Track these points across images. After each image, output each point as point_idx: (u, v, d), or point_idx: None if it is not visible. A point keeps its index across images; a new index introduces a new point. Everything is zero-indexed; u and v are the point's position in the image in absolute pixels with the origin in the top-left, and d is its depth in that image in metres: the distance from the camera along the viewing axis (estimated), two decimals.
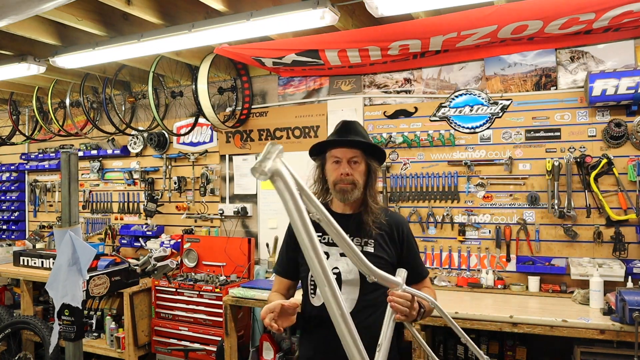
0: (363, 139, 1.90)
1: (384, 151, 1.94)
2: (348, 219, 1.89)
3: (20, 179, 5.79)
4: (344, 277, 1.81)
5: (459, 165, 3.57)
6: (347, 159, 1.84)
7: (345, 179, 1.82)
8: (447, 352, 3.24)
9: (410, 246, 1.93)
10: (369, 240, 1.85)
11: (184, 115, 4.62)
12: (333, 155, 1.87)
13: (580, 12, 2.56)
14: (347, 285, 1.81)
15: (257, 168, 0.97)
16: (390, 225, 1.90)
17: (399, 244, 1.90)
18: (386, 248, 1.86)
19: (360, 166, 1.87)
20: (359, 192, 1.86)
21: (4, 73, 3.96)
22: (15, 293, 4.99)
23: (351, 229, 1.85)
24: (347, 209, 1.91)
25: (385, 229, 1.88)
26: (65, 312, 2.18)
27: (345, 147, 1.86)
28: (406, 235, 1.93)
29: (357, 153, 1.86)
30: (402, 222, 1.95)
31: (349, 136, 1.87)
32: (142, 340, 4.06)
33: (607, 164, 3.11)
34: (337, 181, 1.84)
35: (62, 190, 2.19)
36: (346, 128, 1.92)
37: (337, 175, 1.84)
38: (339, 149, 1.87)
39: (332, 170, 1.88)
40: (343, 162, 1.84)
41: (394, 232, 1.90)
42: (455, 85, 3.62)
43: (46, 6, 2.31)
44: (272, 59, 3.47)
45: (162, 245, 4.30)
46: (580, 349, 2.73)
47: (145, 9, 3.00)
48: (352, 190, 1.83)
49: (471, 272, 3.51)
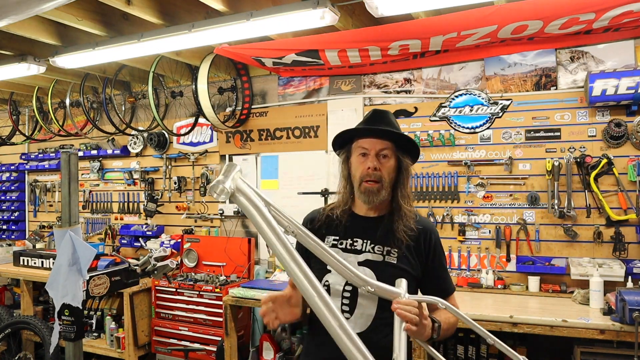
0: (395, 129, 1.66)
1: (418, 147, 1.70)
2: (372, 223, 1.66)
3: (20, 179, 5.79)
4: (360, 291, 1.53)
5: (459, 165, 3.57)
6: (376, 151, 1.61)
7: (372, 174, 1.59)
8: (447, 352, 3.24)
9: (437, 257, 1.69)
10: (393, 250, 1.61)
11: (184, 115, 4.62)
12: (360, 147, 1.64)
13: (580, 12, 2.56)
14: (364, 299, 1.57)
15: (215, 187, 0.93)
16: (419, 232, 1.66)
17: (424, 254, 1.66)
18: (411, 259, 1.63)
19: (389, 161, 1.63)
20: (386, 192, 1.63)
21: (4, 73, 3.96)
22: (15, 293, 4.99)
23: (374, 235, 1.64)
24: (371, 211, 1.69)
25: (413, 237, 1.64)
26: (65, 312, 2.18)
27: (375, 137, 1.62)
28: (434, 245, 1.69)
29: (387, 145, 1.62)
30: (432, 230, 1.71)
31: (379, 125, 1.64)
32: (142, 340, 4.06)
33: (607, 164, 3.11)
34: (362, 177, 1.61)
35: (62, 190, 2.19)
36: (377, 117, 1.69)
37: (363, 169, 1.61)
38: (366, 139, 1.63)
39: (357, 163, 1.65)
40: (371, 155, 1.61)
41: (421, 241, 1.66)
42: (455, 85, 3.62)
43: (46, 6, 2.31)
44: (272, 59, 3.47)
45: (162, 245, 4.30)
46: (580, 349, 2.73)
47: (145, 9, 3.00)
48: (379, 191, 1.61)
49: (471, 272, 3.51)
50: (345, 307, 1.58)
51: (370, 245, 1.63)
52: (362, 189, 1.62)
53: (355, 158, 1.66)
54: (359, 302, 1.57)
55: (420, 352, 2.86)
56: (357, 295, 1.57)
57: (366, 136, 1.64)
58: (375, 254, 1.62)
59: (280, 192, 4.18)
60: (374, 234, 1.64)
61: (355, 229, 1.67)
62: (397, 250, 1.61)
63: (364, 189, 1.61)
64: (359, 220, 1.69)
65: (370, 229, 1.65)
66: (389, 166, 1.62)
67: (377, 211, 1.68)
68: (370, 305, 1.56)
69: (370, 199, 1.62)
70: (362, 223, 1.68)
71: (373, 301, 1.56)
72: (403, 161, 1.65)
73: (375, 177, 1.59)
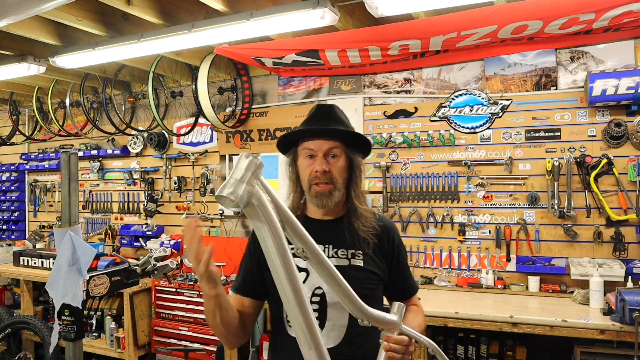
0: (343, 126, 1.54)
1: (369, 141, 1.60)
2: (329, 227, 1.55)
3: (20, 179, 5.79)
4: (329, 299, 1.47)
5: (459, 165, 3.57)
6: (324, 152, 1.49)
7: (321, 178, 1.48)
8: (447, 352, 3.24)
9: (401, 257, 1.64)
10: (357, 252, 1.53)
11: (184, 115, 4.62)
12: (306, 148, 1.52)
13: (580, 12, 2.56)
14: (334, 309, 1.46)
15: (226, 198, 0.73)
16: (381, 232, 1.58)
17: (389, 255, 1.60)
18: (377, 260, 1.56)
19: (339, 161, 1.51)
20: (339, 193, 1.52)
21: (4, 73, 3.96)
22: (15, 293, 4.99)
23: (334, 239, 1.53)
24: (327, 214, 1.58)
25: (375, 237, 1.56)
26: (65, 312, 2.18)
27: (321, 137, 1.50)
28: (397, 244, 1.63)
29: (335, 144, 1.50)
30: (393, 229, 1.65)
31: (324, 124, 1.53)
32: (142, 340, 4.06)
33: (607, 164, 3.11)
34: (311, 180, 1.49)
35: (62, 190, 2.19)
36: (322, 113, 1.57)
37: (311, 172, 1.49)
38: (312, 141, 1.51)
39: (304, 166, 1.52)
40: (318, 157, 1.49)
41: (384, 241, 1.59)
42: (455, 85, 3.61)
43: (46, 6, 2.31)
44: (272, 59, 3.47)
45: (162, 245, 4.30)
46: (580, 349, 2.73)
47: (145, 9, 3.00)
48: (331, 194, 1.49)
49: (471, 272, 3.51)
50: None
51: (334, 250, 1.53)
52: (312, 192, 1.50)
53: (302, 160, 1.54)
54: (329, 313, 1.46)
55: (420, 352, 2.86)
56: (326, 306, 1.47)
57: (312, 137, 1.51)
58: (340, 259, 1.52)
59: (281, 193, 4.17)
60: (334, 238, 1.53)
61: (313, 234, 1.51)
62: (361, 253, 1.53)
63: (315, 193, 1.50)
64: (316, 225, 1.55)
65: (329, 233, 1.54)
66: (339, 166, 1.51)
67: (333, 214, 1.58)
68: (342, 316, 1.46)
69: (323, 203, 1.50)
70: (320, 228, 1.54)
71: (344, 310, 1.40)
72: (354, 159, 1.55)
73: (325, 179, 1.48)
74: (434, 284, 3.53)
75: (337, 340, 1.46)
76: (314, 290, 1.47)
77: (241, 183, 0.74)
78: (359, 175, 1.56)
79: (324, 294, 1.47)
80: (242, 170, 0.75)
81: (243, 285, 1.59)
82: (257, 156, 0.77)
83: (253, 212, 0.76)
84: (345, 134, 1.52)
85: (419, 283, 3.56)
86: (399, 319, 1.28)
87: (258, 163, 0.77)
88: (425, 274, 3.62)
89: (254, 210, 0.76)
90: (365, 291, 1.44)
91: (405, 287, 1.66)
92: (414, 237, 3.69)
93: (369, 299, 1.45)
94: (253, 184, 0.75)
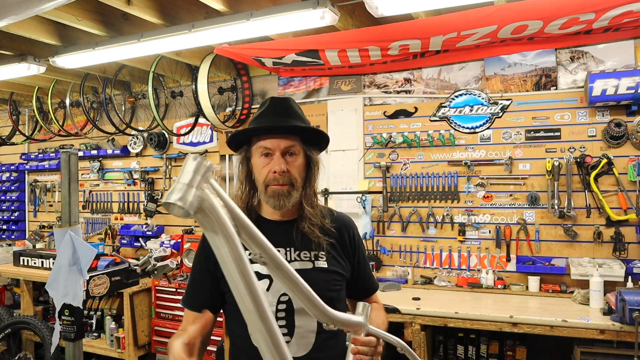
0: (300, 121, 1.44)
1: (327, 136, 1.50)
2: (288, 227, 1.46)
3: (20, 179, 5.78)
4: (296, 305, 1.38)
5: (459, 165, 3.57)
6: (281, 150, 1.39)
7: (279, 179, 1.38)
8: (447, 352, 3.25)
9: (361, 254, 1.58)
10: (320, 253, 1.45)
11: (184, 115, 4.62)
12: (261, 147, 1.40)
13: (580, 12, 2.56)
14: (302, 315, 1.37)
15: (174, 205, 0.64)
16: (340, 229, 1.51)
17: (350, 252, 1.53)
18: (340, 260, 1.49)
19: (298, 159, 1.42)
20: (298, 193, 1.42)
21: (4, 73, 3.96)
22: (15, 293, 4.98)
23: (294, 241, 1.45)
24: (284, 215, 1.48)
25: (335, 236, 1.49)
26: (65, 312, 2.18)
27: (277, 135, 1.40)
28: (357, 241, 1.56)
29: (293, 142, 1.40)
30: (352, 225, 1.57)
31: (280, 120, 1.41)
32: (142, 340, 4.06)
33: (607, 164, 3.11)
34: (268, 181, 1.39)
35: (62, 190, 2.19)
36: (277, 109, 1.44)
37: (267, 173, 1.39)
38: (268, 139, 1.39)
39: (260, 166, 1.41)
40: (275, 156, 1.39)
41: (345, 239, 1.52)
42: (455, 85, 3.61)
43: (46, 6, 2.31)
44: (272, 59, 3.47)
45: (162, 245, 4.30)
46: (580, 349, 2.73)
47: (145, 9, 3.00)
48: (290, 194, 1.40)
49: (471, 272, 3.51)
50: (283, 330, 1.37)
51: (296, 253, 1.45)
52: (269, 192, 1.40)
53: (257, 160, 1.42)
54: (297, 320, 1.38)
55: (420, 352, 2.86)
56: (293, 313, 1.38)
57: (267, 135, 1.40)
58: (304, 261, 1.44)
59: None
60: (294, 240, 1.44)
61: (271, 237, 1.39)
62: (324, 253, 1.45)
63: (272, 192, 1.39)
64: (273, 227, 1.46)
65: (288, 234, 1.44)
66: (298, 165, 1.42)
67: (290, 214, 1.48)
68: (310, 321, 1.38)
69: (281, 203, 1.40)
70: (278, 229, 1.45)
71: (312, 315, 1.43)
72: (312, 157, 1.45)
73: (284, 180, 1.38)
74: (434, 284, 3.53)
75: (308, 347, 1.39)
76: (279, 297, 1.38)
77: (190, 188, 0.66)
78: (316, 173, 1.48)
79: (290, 301, 1.38)
80: (190, 173, 0.68)
81: (197, 300, 1.48)
82: (205, 157, 0.73)
83: (205, 220, 0.69)
84: (303, 130, 1.42)
85: (419, 283, 3.57)
86: (365, 319, 1.23)
87: (207, 165, 0.70)
88: (425, 274, 3.62)
89: (205, 217, 0.69)
90: (331, 293, 1.43)
91: (367, 285, 1.61)
92: (414, 237, 3.69)
93: (336, 300, 1.45)
94: (203, 188, 0.69)
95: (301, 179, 1.43)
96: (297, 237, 1.44)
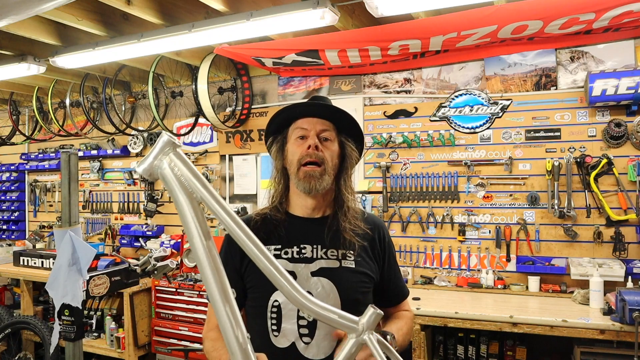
0: (337, 109, 1.44)
1: (362, 133, 1.49)
2: (317, 224, 1.42)
3: (20, 179, 5.79)
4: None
5: (459, 165, 3.57)
6: (317, 131, 1.39)
7: (312, 154, 1.35)
8: (447, 352, 3.24)
9: (392, 258, 1.52)
10: (348, 252, 1.40)
11: (184, 115, 4.62)
12: (298, 127, 1.41)
13: (580, 12, 2.56)
14: None
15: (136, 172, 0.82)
16: (372, 231, 1.46)
17: (380, 256, 1.48)
18: (369, 262, 1.44)
19: (332, 145, 1.40)
20: (330, 178, 1.38)
21: (4, 73, 3.96)
22: (15, 293, 4.99)
23: (323, 238, 1.40)
24: (314, 211, 1.43)
25: (366, 237, 1.43)
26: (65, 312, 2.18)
27: (314, 117, 1.40)
28: (388, 244, 1.51)
29: (329, 126, 1.41)
30: (383, 227, 1.53)
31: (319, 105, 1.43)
32: (142, 340, 4.06)
33: (607, 164, 3.11)
34: (301, 160, 1.36)
35: (62, 190, 2.19)
36: (317, 99, 1.48)
37: (302, 150, 1.37)
38: (305, 119, 1.40)
39: (295, 147, 1.40)
40: (310, 135, 1.38)
41: (375, 241, 1.47)
42: (455, 85, 3.61)
43: (46, 6, 2.31)
44: (272, 59, 3.47)
45: (162, 245, 4.30)
46: (580, 349, 2.73)
47: (145, 9, 3.00)
48: (321, 176, 1.35)
49: (471, 272, 3.51)
50: (304, 330, 1.33)
51: (322, 251, 1.39)
52: (300, 174, 1.36)
53: (292, 143, 1.41)
54: (318, 322, 1.31)
55: (420, 352, 2.86)
56: None
57: (304, 115, 1.41)
58: (330, 260, 1.38)
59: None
60: (323, 237, 1.39)
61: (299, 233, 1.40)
62: (352, 253, 1.40)
63: (304, 174, 1.35)
64: (302, 223, 1.42)
65: (317, 231, 1.39)
66: (332, 150, 1.40)
67: (321, 210, 1.44)
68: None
69: (311, 185, 1.35)
70: (306, 225, 1.42)
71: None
72: (347, 146, 1.44)
73: (316, 157, 1.35)
74: (434, 284, 3.53)
75: (329, 349, 1.33)
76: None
77: (149, 158, 0.82)
78: (350, 166, 1.44)
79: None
80: (155, 149, 0.83)
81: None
82: (168, 134, 0.84)
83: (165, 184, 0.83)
84: (339, 114, 1.42)
85: (419, 283, 3.57)
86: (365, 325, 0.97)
87: (165, 140, 0.83)
88: (425, 274, 3.62)
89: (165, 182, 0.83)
90: (357, 295, 1.38)
91: (397, 290, 1.54)
92: (414, 237, 3.69)
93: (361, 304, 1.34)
94: (161, 159, 0.82)
95: (333, 165, 1.39)
96: (327, 234, 1.39)
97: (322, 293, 1.34)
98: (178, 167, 0.82)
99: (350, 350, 0.97)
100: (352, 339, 0.97)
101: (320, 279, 1.35)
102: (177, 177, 0.82)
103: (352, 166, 1.45)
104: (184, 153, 0.86)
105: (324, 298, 1.33)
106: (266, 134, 1.51)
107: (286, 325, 1.33)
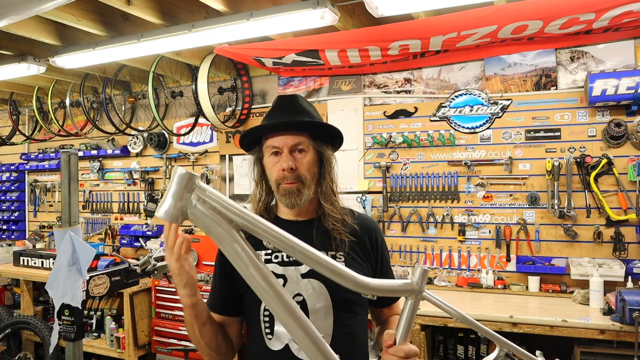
0: (308, 117, 1.41)
1: (338, 131, 1.46)
2: (305, 227, 1.42)
3: (20, 179, 5.79)
4: (310, 306, 1.33)
5: (459, 165, 3.57)
6: (289, 148, 1.37)
7: (288, 177, 1.36)
8: (447, 352, 3.24)
9: (385, 260, 1.50)
10: (338, 253, 1.40)
11: (184, 115, 4.62)
12: (270, 146, 1.40)
13: (580, 12, 2.56)
14: (318, 317, 1.33)
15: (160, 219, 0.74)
16: (362, 231, 1.45)
17: (373, 257, 1.46)
18: (360, 262, 1.42)
19: (307, 155, 1.39)
20: (310, 190, 1.39)
21: (4, 73, 3.96)
22: (15, 293, 4.98)
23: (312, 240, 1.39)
24: (300, 214, 1.45)
25: (356, 237, 1.43)
26: (65, 312, 2.18)
27: (285, 132, 1.38)
28: (381, 246, 1.49)
29: (301, 139, 1.38)
30: (376, 229, 1.51)
31: (288, 117, 1.39)
32: (142, 340, 4.06)
33: (607, 164, 3.11)
34: (279, 180, 1.38)
35: (62, 190, 2.19)
36: (285, 106, 1.44)
37: (277, 172, 1.37)
38: (276, 137, 1.38)
39: (271, 165, 1.40)
40: (284, 153, 1.37)
41: (366, 241, 1.46)
42: (455, 85, 3.61)
43: (46, 6, 2.31)
44: (272, 59, 3.47)
45: (162, 246, 4.30)
46: (580, 349, 2.73)
47: (145, 9, 3.00)
48: (300, 192, 1.37)
49: (471, 272, 3.51)
50: None
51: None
52: (281, 191, 1.38)
53: (268, 159, 1.41)
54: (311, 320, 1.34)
55: (420, 352, 2.86)
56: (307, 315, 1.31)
57: (275, 133, 1.39)
58: None
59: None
60: (311, 239, 1.38)
61: None
62: (342, 254, 1.39)
63: (284, 191, 1.37)
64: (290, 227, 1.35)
65: (305, 233, 1.35)
66: (307, 162, 1.38)
67: (307, 214, 1.45)
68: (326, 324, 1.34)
69: (293, 202, 1.37)
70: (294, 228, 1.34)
71: (327, 316, 1.33)
72: (323, 152, 1.42)
73: (293, 178, 1.36)
74: (434, 284, 3.53)
75: None
76: (294, 298, 1.33)
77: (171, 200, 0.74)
78: (328, 170, 1.43)
79: (305, 301, 1.33)
80: (173, 187, 0.76)
81: (217, 302, 1.46)
82: (185, 169, 0.76)
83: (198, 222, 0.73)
84: (309, 125, 1.40)
85: None
86: (419, 283, 1.04)
87: (186, 175, 0.76)
88: None
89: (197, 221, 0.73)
90: (349, 295, 1.35)
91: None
92: (414, 237, 3.69)
93: (354, 304, 1.39)
94: (186, 197, 0.74)
95: (312, 176, 1.40)
96: (317, 237, 1.39)
97: (313, 294, 1.34)
98: (209, 198, 0.75)
99: (414, 309, 1.05)
100: (412, 299, 1.04)
101: (310, 280, 1.35)
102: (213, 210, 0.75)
103: (332, 168, 1.46)
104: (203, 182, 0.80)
105: (315, 299, 1.34)
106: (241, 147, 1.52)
107: (279, 328, 1.34)
